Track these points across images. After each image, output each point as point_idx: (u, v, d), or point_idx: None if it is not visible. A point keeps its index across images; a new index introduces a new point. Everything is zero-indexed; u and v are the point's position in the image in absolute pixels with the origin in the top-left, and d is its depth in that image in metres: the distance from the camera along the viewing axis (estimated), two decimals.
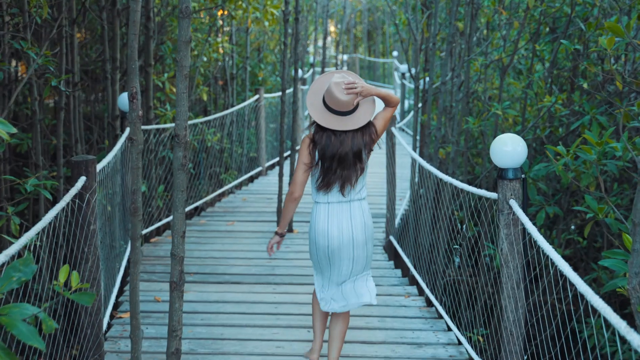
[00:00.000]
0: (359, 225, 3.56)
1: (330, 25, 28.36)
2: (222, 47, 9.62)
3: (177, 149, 3.09)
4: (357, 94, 3.43)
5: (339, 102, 3.41)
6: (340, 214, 3.53)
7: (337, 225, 3.53)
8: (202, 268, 5.76)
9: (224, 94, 11.43)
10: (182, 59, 3.03)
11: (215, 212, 7.86)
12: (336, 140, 3.45)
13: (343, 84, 3.41)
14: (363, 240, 3.57)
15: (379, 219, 7.51)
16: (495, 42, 7.20)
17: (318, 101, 3.51)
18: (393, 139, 6.19)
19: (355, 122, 3.45)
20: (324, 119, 3.46)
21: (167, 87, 7.50)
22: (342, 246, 3.53)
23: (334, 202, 3.54)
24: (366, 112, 3.50)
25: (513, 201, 3.15)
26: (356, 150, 3.47)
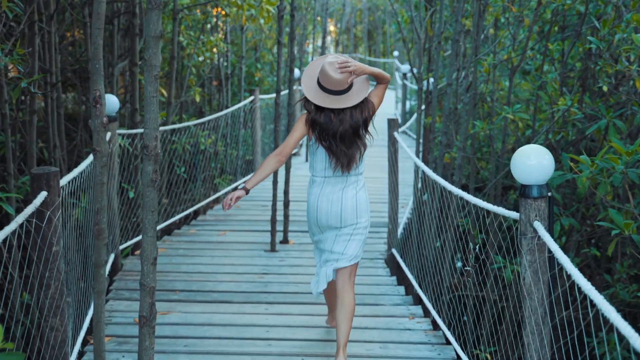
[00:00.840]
0: (349, 199, 3.67)
1: (330, 24, 27.91)
2: (216, 45, 9.16)
3: (146, 163, 2.64)
4: (351, 73, 3.49)
5: (333, 81, 3.46)
6: (334, 187, 3.66)
7: (327, 198, 3.66)
8: (189, 284, 5.31)
9: (218, 95, 11.00)
10: (151, 57, 2.58)
11: (207, 221, 7.41)
12: (335, 119, 3.53)
13: (337, 63, 3.48)
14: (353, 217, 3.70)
15: (379, 228, 7.07)
16: (503, 40, 6.74)
17: (313, 83, 3.58)
18: (395, 145, 5.74)
19: (350, 100, 3.53)
20: (319, 98, 3.52)
21: None
22: (330, 217, 3.67)
23: (330, 176, 3.66)
24: (360, 89, 3.58)
25: (538, 223, 2.71)
26: (355, 128, 3.57)
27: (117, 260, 5.63)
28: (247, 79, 13.43)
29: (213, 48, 9.25)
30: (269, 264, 5.86)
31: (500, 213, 3.03)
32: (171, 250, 6.24)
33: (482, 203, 3.32)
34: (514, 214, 2.93)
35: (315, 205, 3.71)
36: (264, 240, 6.54)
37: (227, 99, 10.36)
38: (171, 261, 5.91)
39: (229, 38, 10.09)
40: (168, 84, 7.12)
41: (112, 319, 4.63)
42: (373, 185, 8.94)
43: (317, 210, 3.69)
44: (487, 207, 3.23)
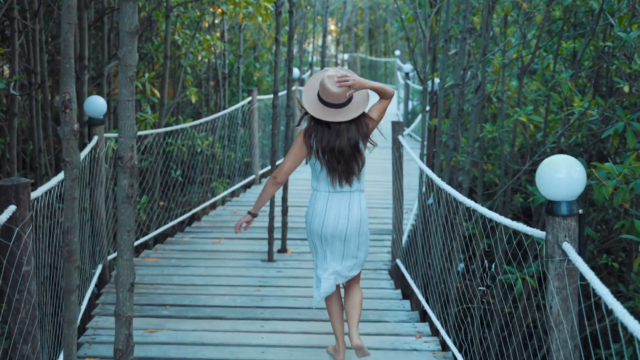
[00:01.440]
0: (355, 218, 3.67)
1: (331, 23, 27.57)
2: (213, 44, 8.83)
3: (121, 176, 2.32)
4: (349, 87, 3.49)
5: (332, 95, 3.49)
6: (340, 204, 3.64)
7: (335, 214, 3.63)
8: (180, 299, 4.98)
9: (215, 96, 10.68)
10: (125, 56, 2.26)
11: (201, 228, 7.08)
12: (331, 133, 3.54)
13: (336, 77, 3.50)
14: (357, 232, 3.70)
15: (382, 236, 6.74)
16: (512, 39, 6.41)
17: (313, 95, 3.59)
18: (400, 149, 5.41)
19: (347, 114, 3.53)
20: (317, 111, 3.53)
21: (148, 89, 6.73)
22: (335, 235, 3.65)
23: (334, 192, 3.64)
24: (359, 104, 3.58)
25: (568, 245, 2.37)
26: (353, 143, 3.56)
27: (105, 271, 5.31)
28: (245, 78, 13.11)
29: (210, 47, 8.92)
30: (265, 275, 5.54)
31: (527, 232, 2.69)
32: (163, 260, 5.91)
33: (508, 222, 2.98)
34: (538, 232, 2.60)
35: (321, 222, 3.66)
36: (261, 249, 6.22)
37: (225, 100, 10.04)
38: (162, 272, 5.58)
39: (226, 37, 9.76)
40: (161, 85, 6.79)
41: (97, 337, 4.30)
42: (374, 189, 8.63)
43: (323, 227, 3.65)
44: (514, 227, 2.88)
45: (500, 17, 7.05)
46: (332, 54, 26.90)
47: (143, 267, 5.72)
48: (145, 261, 5.88)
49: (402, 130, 5.43)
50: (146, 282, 5.32)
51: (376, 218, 7.37)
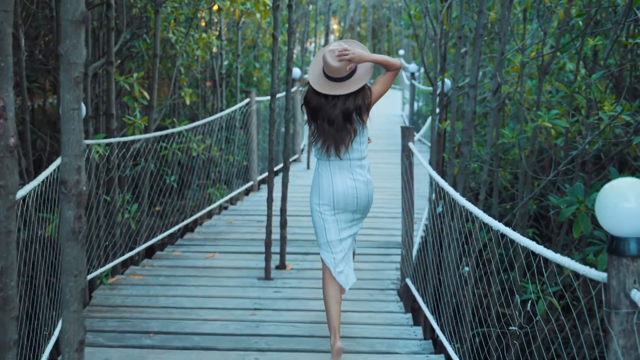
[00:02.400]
0: (361, 183, 3.75)
1: (333, 22, 27.05)
2: (209, 43, 8.32)
3: (65, 206, 1.80)
4: (349, 60, 3.56)
5: (332, 69, 3.57)
6: (343, 172, 3.73)
7: (341, 181, 3.72)
8: (166, 325, 4.46)
9: (213, 97, 10.17)
10: (69, 51, 1.75)
11: (194, 240, 6.56)
12: (327, 103, 3.62)
13: (337, 51, 3.57)
14: (366, 197, 3.78)
15: (390, 250, 6.22)
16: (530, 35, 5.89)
17: (318, 68, 3.68)
18: (410, 158, 4.89)
19: (347, 87, 3.59)
20: (318, 83, 3.63)
21: (137, 90, 6.21)
22: (348, 198, 3.72)
23: (335, 160, 3.72)
24: (361, 77, 3.63)
25: (638, 293, 1.85)
26: (345, 113, 3.61)
27: (83, 293, 4.79)
28: (245, 79, 12.61)
29: (206, 46, 8.40)
30: (262, 296, 5.02)
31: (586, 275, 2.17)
32: (150, 278, 5.40)
33: (565, 261, 2.45)
34: (598, 274, 2.07)
35: (330, 188, 3.74)
36: (257, 265, 5.70)
37: (222, 101, 9.54)
38: (148, 292, 5.07)
39: (223, 35, 9.25)
40: (150, 86, 6.28)
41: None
42: (381, 196, 8.10)
43: (334, 193, 3.73)
44: (572, 267, 2.34)
45: (517, 13, 6.53)
46: None
47: (127, 286, 5.20)
48: (130, 279, 5.37)
49: (413, 136, 4.91)
50: (129, 305, 4.81)
51: (383, 229, 6.85)
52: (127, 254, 5.58)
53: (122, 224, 6.18)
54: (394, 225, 6.99)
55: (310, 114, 3.69)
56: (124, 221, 6.23)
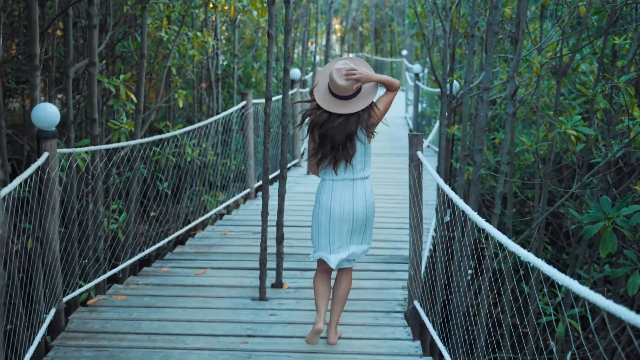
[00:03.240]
0: (360, 203, 3.83)
1: (335, 23, 26.58)
2: (204, 42, 7.87)
3: None
4: (356, 80, 3.64)
5: (339, 87, 3.65)
6: (344, 191, 3.81)
7: (340, 200, 3.81)
8: (148, 356, 4.00)
9: (209, 99, 9.73)
10: None
11: (185, 254, 6.11)
12: (330, 120, 3.69)
13: (344, 70, 3.65)
14: (363, 217, 3.86)
15: (395, 265, 5.76)
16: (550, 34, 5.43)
17: (324, 85, 3.75)
18: (420, 168, 4.42)
19: (352, 106, 3.68)
20: (324, 101, 3.71)
21: (123, 92, 5.76)
22: (343, 220, 3.82)
23: (338, 179, 3.82)
24: (366, 97, 3.71)
25: None
26: (347, 132, 3.69)
27: (59, 316, 4.36)
28: (244, 79, 12.16)
29: (200, 45, 7.96)
30: (255, 320, 4.56)
31: None
32: (134, 299, 4.94)
33: (621, 311, 2.00)
34: None
35: (328, 208, 3.84)
36: (252, 282, 5.25)
37: (218, 103, 9.09)
38: (131, 315, 4.61)
39: (219, 34, 8.79)
40: (137, 88, 5.83)
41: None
42: (385, 204, 7.66)
43: (331, 212, 3.83)
44: (635, 322, 1.90)
45: (534, 9, 6.07)
46: (337, 54, 25.93)
47: (109, 308, 4.75)
48: (113, 300, 4.92)
49: (422, 144, 4.45)
50: (109, 331, 4.36)
51: (387, 242, 6.39)
52: (110, 272, 5.12)
53: (108, 237, 5.74)
54: (400, 237, 6.54)
55: (312, 131, 3.77)
56: (109, 233, 5.78)
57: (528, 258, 2.75)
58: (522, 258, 2.79)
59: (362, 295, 5.01)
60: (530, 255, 2.75)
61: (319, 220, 3.88)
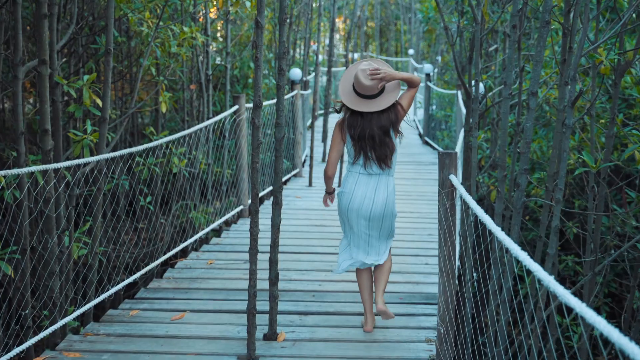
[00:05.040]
0: (380, 199, 3.96)
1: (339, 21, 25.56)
2: (191, 39, 6.86)
3: None
4: (381, 80, 3.84)
5: (365, 87, 3.85)
6: (367, 185, 3.97)
7: (361, 194, 3.96)
8: None
9: (199, 102, 8.73)
10: None
11: (160, 291, 5.08)
12: (364, 121, 3.88)
13: (368, 70, 3.85)
14: (381, 214, 3.97)
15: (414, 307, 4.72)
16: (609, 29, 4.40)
17: (349, 87, 3.95)
18: (453, 197, 3.40)
19: (379, 104, 3.87)
20: (351, 101, 3.90)
21: (86, 97, 4.75)
22: (360, 212, 3.97)
23: (364, 173, 3.98)
24: (391, 94, 3.90)
25: None
26: (384, 130, 3.88)
27: None
28: (242, 80, 11.17)
29: (187, 42, 6.95)
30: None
31: None
32: (90, 356, 3.93)
33: None
34: None
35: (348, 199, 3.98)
36: (239, 332, 4.23)
37: (209, 108, 8.09)
38: None
39: (209, 29, 7.78)
40: (103, 91, 4.82)
41: None
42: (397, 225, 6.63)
43: (350, 204, 3.98)
44: None
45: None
46: (340, 53, 24.91)
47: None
48: (63, 357, 3.91)
49: (455, 165, 3.43)
50: None
51: (403, 274, 5.38)
52: (61, 322, 4.10)
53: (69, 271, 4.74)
54: (418, 267, 5.52)
55: (352, 135, 3.91)
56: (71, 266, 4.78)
57: (609, 335, 1.75)
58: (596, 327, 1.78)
59: (376, 352, 3.99)
60: (623, 339, 1.74)
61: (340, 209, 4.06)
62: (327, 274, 5.35)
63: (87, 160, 4.25)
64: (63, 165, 3.90)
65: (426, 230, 6.67)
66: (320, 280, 5.21)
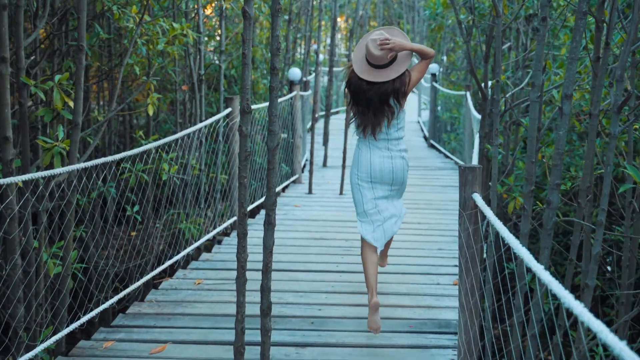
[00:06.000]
0: (397, 158, 4.10)
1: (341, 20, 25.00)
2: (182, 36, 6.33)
3: None
4: (390, 49, 3.88)
5: (374, 57, 3.91)
6: (381, 149, 4.09)
7: (378, 156, 4.09)
8: None
9: (190, 104, 8.20)
10: None
11: (141, 317, 4.52)
12: (366, 86, 3.97)
13: (378, 40, 3.90)
14: (401, 175, 4.13)
15: (426, 338, 4.17)
16: None
17: (361, 54, 4.02)
18: (478, 221, 2.85)
19: (388, 74, 3.94)
20: (361, 69, 3.99)
21: (57, 99, 4.21)
22: (383, 172, 4.09)
23: (374, 141, 4.08)
24: (400, 65, 3.96)
25: None
26: (382, 96, 3.96)
27: None
28: (239, 81, 10.63)
29: (177, 39, 6.41)
30: None
31: None
32: None
33: None
34: None
35: (368, 162, 4.10)
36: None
37: (201, 110, 7.56)
38: None
39: (201, 26, 7.24)
40: (76, 93, 4.27)
41: None
42: (398, 237, 6.10)
43: (372, 167, 4.09)
44: None
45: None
46: (342, 53, 24.38)
47: None
48: None
49: (478, 182, 2.88)
50: None
51: (411, 296, 4.83)
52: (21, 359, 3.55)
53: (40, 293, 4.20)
54: (428, 289, 4.97)
55: (352, 98, 4.04)
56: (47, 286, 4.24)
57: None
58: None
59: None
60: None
61: (359, 183, 4.14)
62: (328, 296, 4.81)
63: (54, 173, 3.70)
64: (18, 179, 3.35)
65: (436, 244, 6.12)
66: (320, 304, 4.66)
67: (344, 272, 5.31)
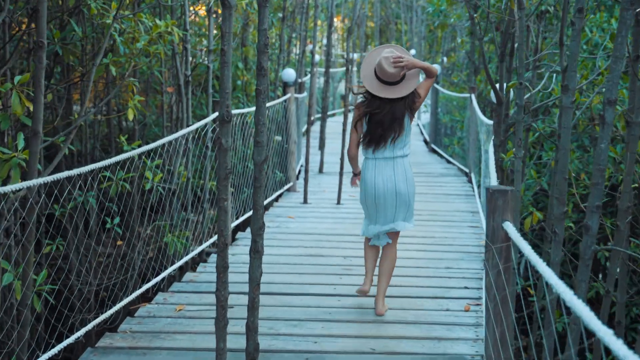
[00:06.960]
0: (401, 178, 4.20)
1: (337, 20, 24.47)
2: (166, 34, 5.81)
3: None
4: (403, 67, 4.06)
5: (387, 74, 4.04)
6: (385, 168, 4.20)
7: (382, 177, 4.20)
8: None
9: (177, 108, 7.65)
10: None
11: (112, 351, 3.96)
12: (382, 106, 4.10)
13: (391, 58, 4.06)
14: (405, 191, 4.21)
15: None
16: None
17: (370, 72, 4.14)
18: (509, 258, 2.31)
19: (400, 91, 4.09)
20: (373, 87, 4.11)
21: (15, 104, 3.67)
22: (387, 194, 4.20)
23: (380, 158, 4.20)
24: (410, 82, 4.13)
25: None
26: (398, 115, 4.11)
27: None
28: (233, 82, 10.09)
29: (161, 37, 5.89)
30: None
31: None
32: None
33: None
34: None
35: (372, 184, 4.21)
36: None
37: (188, 114, 7.01)
38: None
39: (187, 23, 6.69)
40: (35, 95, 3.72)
41: None
42: (404, 255, 5.57)
43: (376, 189, 4.20)
44: None
45: None
46: (339, 54, 23.85)
47: None
48: None
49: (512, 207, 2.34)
50: None
51: (420, 325, 4.29)
52: None
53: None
54: (438, 315, 4.44)
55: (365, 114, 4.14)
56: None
57: None
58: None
59: None
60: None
61: (365, 196, 4.25)
62: (325, 326, 4.26)
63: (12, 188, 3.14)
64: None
65: (443, 262, 5.59)
66: (316, 336, 4.12)
67: (343, 296, 4.76)
